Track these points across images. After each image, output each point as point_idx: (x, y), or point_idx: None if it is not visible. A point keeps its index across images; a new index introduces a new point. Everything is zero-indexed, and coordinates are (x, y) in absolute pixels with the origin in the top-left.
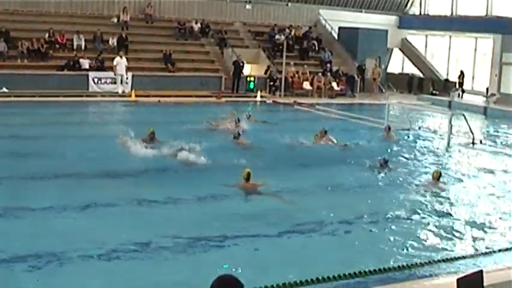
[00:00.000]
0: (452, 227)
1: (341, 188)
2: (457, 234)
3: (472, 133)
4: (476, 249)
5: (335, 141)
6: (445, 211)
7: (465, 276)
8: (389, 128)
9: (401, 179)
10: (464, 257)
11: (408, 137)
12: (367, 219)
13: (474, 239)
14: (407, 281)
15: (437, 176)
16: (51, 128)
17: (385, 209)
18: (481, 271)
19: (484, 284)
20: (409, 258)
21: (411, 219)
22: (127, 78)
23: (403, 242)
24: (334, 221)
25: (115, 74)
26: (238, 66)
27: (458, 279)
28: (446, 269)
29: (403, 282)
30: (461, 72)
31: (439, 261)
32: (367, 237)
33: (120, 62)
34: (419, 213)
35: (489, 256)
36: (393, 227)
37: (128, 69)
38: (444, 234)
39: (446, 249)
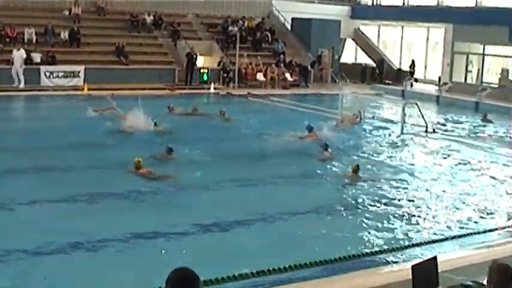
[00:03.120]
0: (394, 216)
1: (271, 179)
2: (398, 224)
3: (425, 122)
4: (414, 239)
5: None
6: (374, 201)
7: (420, 263)
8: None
9: (337, 169)
10: (415, 245)
11: (361, 126)
12: (286, 212)
13: (415, 228)
14: (362, 270)
15: (355, 169)
16: None
17: (308, 201)
18: (435, 258)
19: (439, 270)
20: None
21: (346, 210)
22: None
23: (337, 234)
24: (261, 214)
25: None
26: (191, 59)
27: (413, 266)
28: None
29: (358, 271)
30: (413, 62)
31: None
32: (294, 230)
33: (16, 55)
34: (345, 205)
35: (440, 243)
36: (320, 219)
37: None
38: (386, 224)
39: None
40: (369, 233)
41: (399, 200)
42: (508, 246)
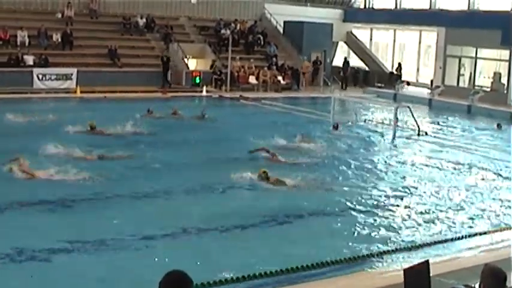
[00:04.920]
0: (385, 220)
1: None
2: (389, 227)
3: (418, 125)
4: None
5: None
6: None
7: (412, 266)
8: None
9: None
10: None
11: (354, 129)
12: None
13: (406, 232)
14: (354, 273)
15: (264, 176)
16: None
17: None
18: (427, 261)
19: (431, 274)
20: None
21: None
22: None
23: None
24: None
25: None
26: (163, 61)
27: (405, 270)
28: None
29: (350, 274)
30: (399, 65)
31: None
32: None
33: None
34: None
35: (432, 247)
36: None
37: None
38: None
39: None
40: (361, 236)
41: (391, 204)
42: (500, 250)
